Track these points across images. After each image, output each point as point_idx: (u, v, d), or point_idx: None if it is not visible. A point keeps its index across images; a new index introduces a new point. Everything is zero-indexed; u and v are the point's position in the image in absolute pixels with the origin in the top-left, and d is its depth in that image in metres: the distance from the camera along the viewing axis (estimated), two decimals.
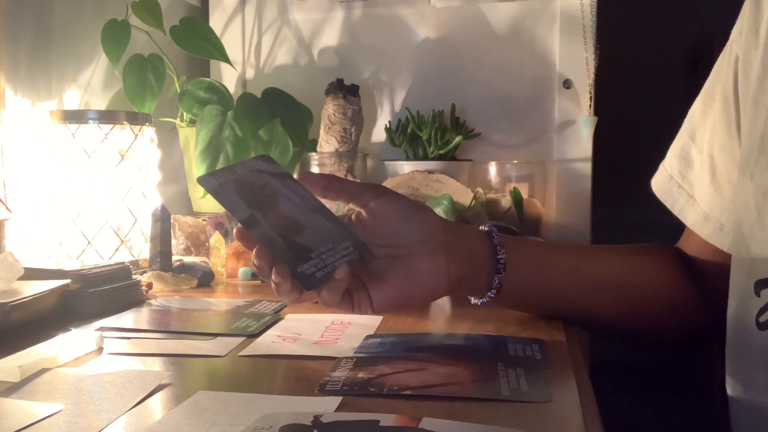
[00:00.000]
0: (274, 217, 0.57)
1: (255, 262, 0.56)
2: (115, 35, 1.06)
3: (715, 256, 0.68)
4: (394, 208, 0.61)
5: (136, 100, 1.08)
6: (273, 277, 0.55)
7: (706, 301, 0.70)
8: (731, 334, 0.61)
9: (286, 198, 0.59)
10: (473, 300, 0.67)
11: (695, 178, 0.70)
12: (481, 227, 0.67)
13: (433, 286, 0.62)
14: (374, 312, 0.60)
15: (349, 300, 0.59)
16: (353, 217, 0.62)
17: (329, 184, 0.61)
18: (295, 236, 0.56)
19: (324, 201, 0.62)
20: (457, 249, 0.62)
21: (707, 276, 0.70)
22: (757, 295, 0.56)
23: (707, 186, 0.68)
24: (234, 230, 0.59)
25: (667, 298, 0.71)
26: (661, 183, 0.73)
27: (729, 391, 0.62)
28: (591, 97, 1.20)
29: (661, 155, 0.76)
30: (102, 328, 0.67)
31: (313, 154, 1.17)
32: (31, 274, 0.72)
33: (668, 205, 0.72)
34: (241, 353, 0.60)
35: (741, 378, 0.60)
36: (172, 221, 0.99)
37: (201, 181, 0.58)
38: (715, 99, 0.67)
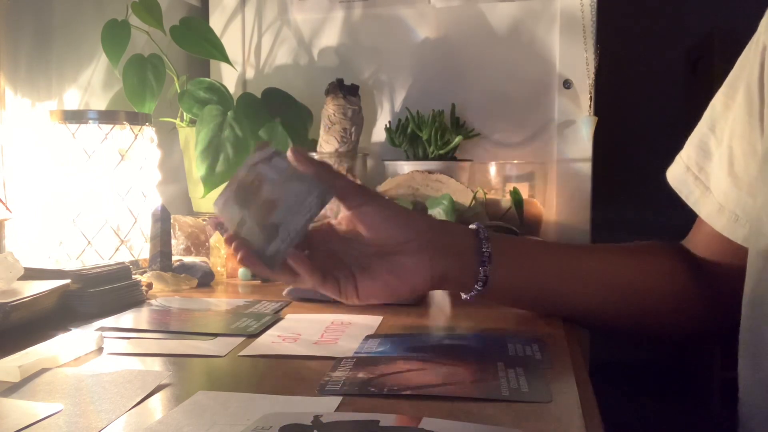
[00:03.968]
0: (256, 207, 0.60)
1: (237, 260, 0.60)
2: (115, 35, 1.06)
3: (726, 250, 0.68)
4: (380, 216, 0.62)
5: (136, 100, 1.08)
6: (250, 270, 0.62)
7: (711, 299, 0.69)
8: (747, 336, 0.61)
9: (268, 180, 0.61)
10: (462, 295, 0.68)
11: (713, 169, 0.69)
12: (471, 225, 0.68)
13: (415, 281, 0.63)
14: (359, 300, 0.62)
15: (336, 285, 0.61)
16: (334, 222, 0.65)
17: (319, 172, 0.61)
18: (269, 217, 0.59)
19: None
20: (443, 247, 0.64)
21: (715, 273, 0.69)
22: None
23: (724, 177, 0.67)
24: (225, 237, 0.62)
25: (667, 296, 0.70)
26: (676, 174, 0.73)
27: (740, 384, 0.61)
28: (591, 97, 1.20)
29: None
30: (102, 328, 0.67)
31: (313, 154, 1.17)
32: (31, 274, 0.72)
33: (683, 195, 0.72)
34: (241, 353, 0.60)
35: (753, 371, 0.59)
36: (172, 221, 0.99)
37: (216, 205, 0.65)
38: (738, 91, 0.67)
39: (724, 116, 0.68)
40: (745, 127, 0.65)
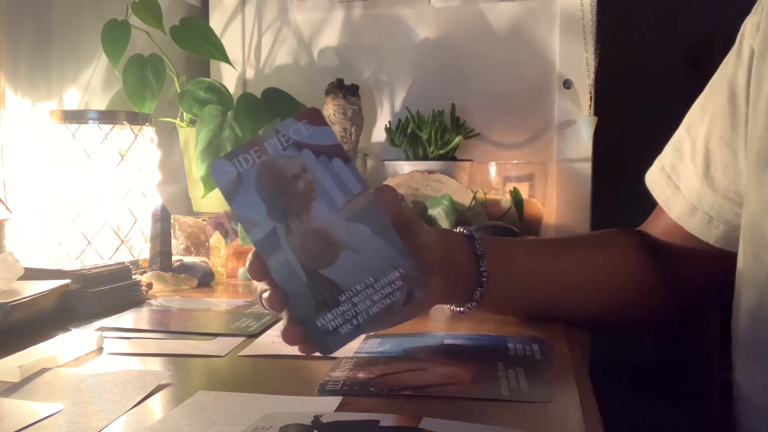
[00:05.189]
0: (302, 233, 0.46)
1: (266, 306, 0.50)
2: (115, 35, 1.06)
3: (684, 239, 0.69)
4: (426, 242, 0.59)
5: (136, 100, 1.08)
6: (282, 335, 0.50)
7: (674, 284, 0.70)
8: (745, 337, 0.61)
9: (325, 196, 0.46)
10: (451, 307, 0.67)
11: (684, 169, 0.70)
12: (462, 230, 0.66)
13: (426, 303, 0.62)
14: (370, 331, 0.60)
15: None
16: None
17: (401, 208, 0.54)
18: (325, 266, 0.46)
19: None
20: (449, 266, 0.62)
21: (675, 258, 0.70)
22: None
23: (698, 178, 0.68)
24: (247, 263, 0.48)
25: (634, 286, 0.71)
26: (652, 174, 0.74)
27: (738, 390, 0.61)
28: (591, 97, 1.20)
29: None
30: (102, 328, 0.67)
31: None
32: (31, 274, 0.72)
33: (655, 195, 0.73)
34: (241, 353, 0.60)
35: (754, 376, 0.59)
36: (172, 221, 0.99)
37: (214, 168, 0.46)
38: (717, 93, 0.67)
39: (701, 118, 0.69)
40: (726, 131, 0.65)
